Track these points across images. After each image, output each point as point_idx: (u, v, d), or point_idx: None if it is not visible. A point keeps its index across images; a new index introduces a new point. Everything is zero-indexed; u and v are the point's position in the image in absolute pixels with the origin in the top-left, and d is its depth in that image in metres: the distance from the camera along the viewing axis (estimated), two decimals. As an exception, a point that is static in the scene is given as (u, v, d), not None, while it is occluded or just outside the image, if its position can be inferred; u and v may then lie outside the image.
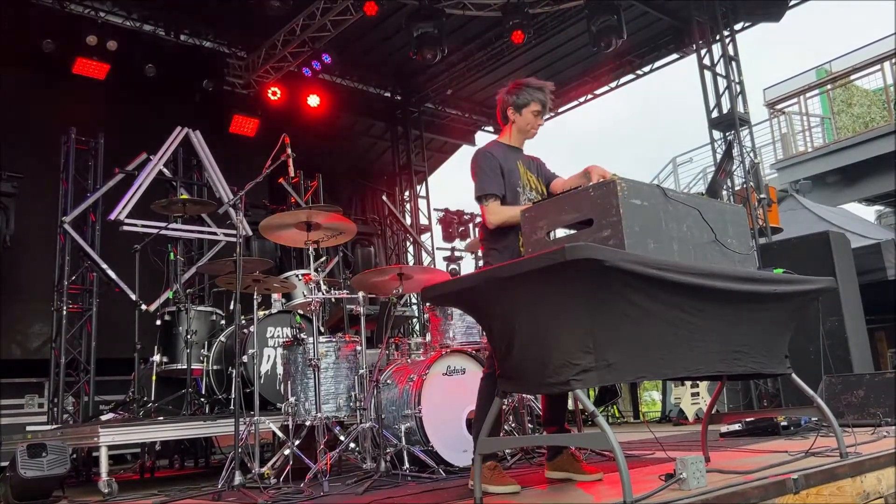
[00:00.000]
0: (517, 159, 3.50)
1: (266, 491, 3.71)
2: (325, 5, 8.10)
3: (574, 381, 2.36)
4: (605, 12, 8.42)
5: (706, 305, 2.70)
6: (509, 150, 3.52)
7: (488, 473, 3.05)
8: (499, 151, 3.46)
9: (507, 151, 3.51)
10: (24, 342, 7.92)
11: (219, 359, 5.54)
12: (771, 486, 2.52)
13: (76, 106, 8.04)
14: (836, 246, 6.89)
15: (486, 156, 3.41)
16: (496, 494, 2.97)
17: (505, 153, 3.48)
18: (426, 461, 4.03)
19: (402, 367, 4.54)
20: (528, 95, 3.44)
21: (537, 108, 3.46)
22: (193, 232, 7.46)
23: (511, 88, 3.50)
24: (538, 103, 3.45)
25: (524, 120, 3.48)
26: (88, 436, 4.56)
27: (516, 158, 3.50)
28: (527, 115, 3.47)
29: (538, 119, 3.50)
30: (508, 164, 3.42)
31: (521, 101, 3.45)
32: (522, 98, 3.44)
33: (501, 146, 3.53)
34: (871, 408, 4.91)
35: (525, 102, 3.45)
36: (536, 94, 3.44)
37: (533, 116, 3.47)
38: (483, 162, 3.40)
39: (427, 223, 12.02)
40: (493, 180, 3.35)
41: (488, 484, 3.01)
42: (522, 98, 3.44)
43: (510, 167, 3.42)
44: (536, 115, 3.48)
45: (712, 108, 8.85)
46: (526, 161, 3.56)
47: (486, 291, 2.65)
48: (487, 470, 3.06)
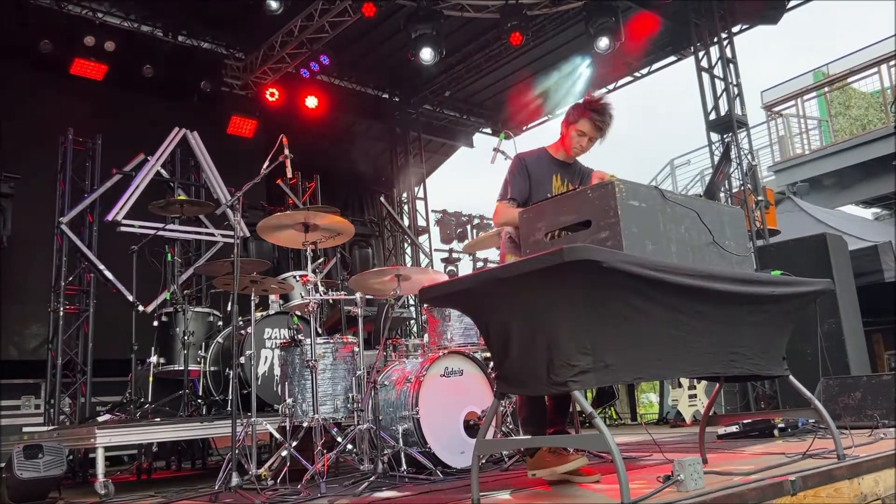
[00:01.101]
0: (555, 172, 3.47)
1: (263, 492, 3.70)
2: (323, 6, 8.10)
3: (572, 383, 2.36)
4: (603, 14, 8.43)
5: (704, 307, 2.70)
6: (549, 161, 3.49)
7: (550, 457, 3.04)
8: (535, 160, 3.45)
9: (546, 162, 3.48)
10: (20, 343, 7.90)
11: (216, 360, 5.54)
12: (768, 487, 2.52)
13: (74, 106, 8.03)
14: (834, 248, 6.90)
15: (518, 162, 3.44)
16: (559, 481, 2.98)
17: (542, 163, 3.46)
18: (424, 463, 4.02)
19: (399, 369, 4.53)
20: (578, 113, 3.36)
21: (583, 128, 3.38)
22: (191, 233, 7.46)
23: (582, 101, 3.41)
24: (586, 124, 3.36)
25: (569, 136, 3.43)
26: (85, 437, 4.55)
27: (554, 171, 3.47)
28: (572, 131, 3.41)
29: (582, 140, 3.41)
30: (540, 175, 3.41)
31: (572, 117, 3.38)
32: (574, 114, 3.38)
33: (543, 156, 3.51)
34: (868, 410, 4.92)
35: (574, 120, 3.38)
36: (591, 115, 3.35)
37: (577, 135, 3.40)
38: (514, 167, 3.43)
39: (425, 224, 12.02)
40: (516, 185, 3.36)
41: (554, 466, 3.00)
42: (574, 114, 3.38)
43: (541, 178, 3.41)
44: (581, 136, 3.40)
45: (710, 111, 8.86)
46: (572, 174, 3.51)
47: (483, 293, 2.65)
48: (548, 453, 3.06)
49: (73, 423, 6.66)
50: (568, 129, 3.43)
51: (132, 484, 5.52)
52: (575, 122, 3.38)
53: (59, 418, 6.71)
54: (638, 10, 9.16)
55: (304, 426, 4.26)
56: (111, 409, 5.73)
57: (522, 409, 3.49)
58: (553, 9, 8.63)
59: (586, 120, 3.36)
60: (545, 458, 3.09)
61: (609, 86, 11.40)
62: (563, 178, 3.48)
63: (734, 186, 8.56)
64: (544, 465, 3.08)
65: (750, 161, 8.64)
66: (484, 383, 4.46)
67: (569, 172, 3.53)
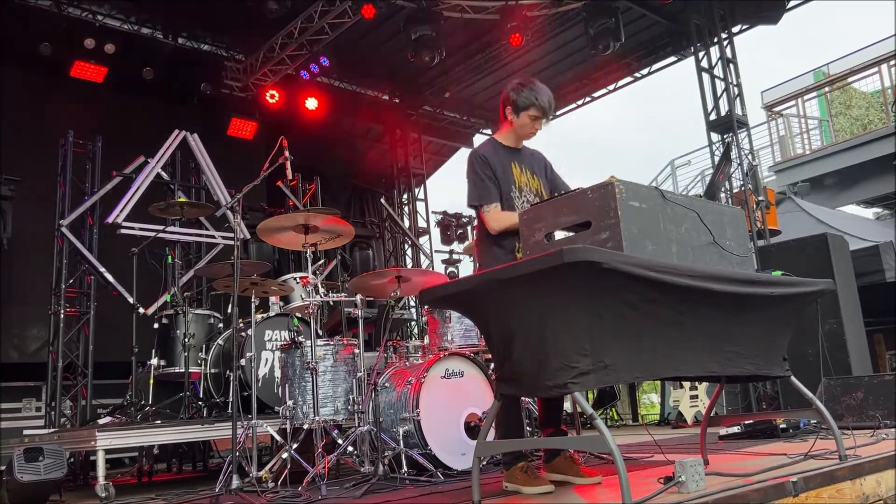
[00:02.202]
0: (512, 160, 3.44)
1: (264, 495, 3.69)
2: (323, 8, 8.10)
3: (572, 384, 2.35)
4: (602, 15, 8.43)
5: (704, 307, 2.70)
6: (504, 151, 3.46)
7: (521, 475, 3.06)
8: (493, 153, 3.41)
9: (502, 152, 3.45)
10: (21, 346, 7.90)
11: (217, 362, 5.53)
12: (770, 488, 2.51)
13: (74, 109, 8.03)
14: (835, 248, 6.89)
15: (480, 161, 3.36)
16: (530, 496, 2.97)
17: (499, 154, 3.42)
18: (424, 464, 4.02)
19: (400, 370, 4.53)
20: (528, 99, 3.34)
21: (536, 113, 3.37)
22: (191, 235, 7.45)
23: (515, 86, 3.39)
24: (537, 109, 3.35)
25: (520, 122, 3.40)
26: (85, 439, 4.55)
27: (511, 160, 3.44)
28: (524, 118, 3.38)
29: (536, 124, 3.41)
30: (502, 169, 3.38)
31: (521, 103, 3.35)
32: (522, 100, 3.35)
33: (496, 146, 3.47)
34: (870, 410, 4.90)
35: (525, 105, 3.35)
36: (538, 98, 3.34)
37: (530, 121, 3.39)
38: (477, 167, 3.35)
39: (425, 226, 12.01)
40: (489, 187, 3.32)
41: (521, 485, 3.02)
42: (522, 100, 3.35)
43: (503, 170, 3.38)
44: (534, 121, 3.39)
45: (710, 111, 8.86)
46: (524, 160, 3.50)
47: (484, 294, 2.64)
48: (520, 471, 3.07)
49: (74, 425, 6.65)
50: (518, 116, 3.38)
51: (133, 486, 5.52)
52: (525, 108, 3.35)
53: (60, 421, 6.71)
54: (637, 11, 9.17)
55: (304, 428, 4.26)
56: (112, 412, 5.72)
57: (541, 414, 3.48)
58: (552, 9, 8.63)
59: (535, 106, 3.34)
60: (516, 475, 3.09)
61: (609, 86, 11.41)
62: (519, 165, 3.46)
63: (735, 187, 8.56)
64: (515, 481, 3.08)
65: (750, 161, 8.63)
66: (485, 385, 4.45)
67: (522, 159, 3.50)
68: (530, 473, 3.08)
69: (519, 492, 3.02)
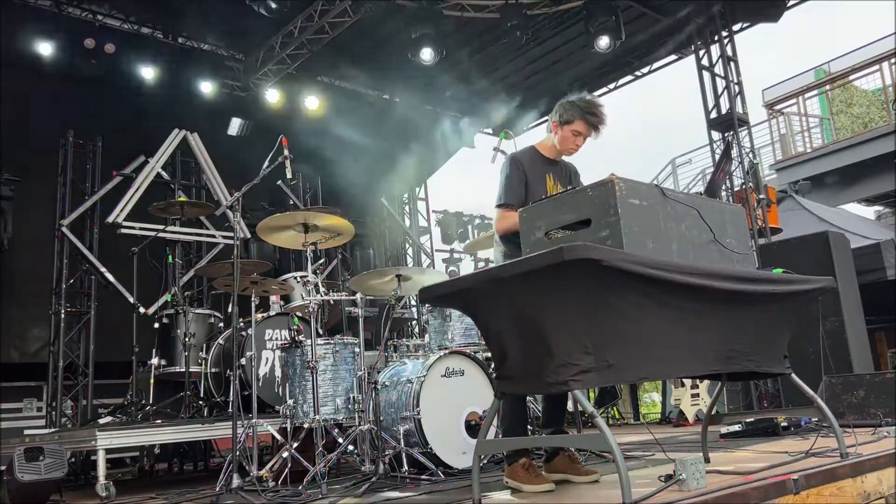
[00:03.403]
0: (547, 172, 3.45)
1: (264, 494, 3.69)
2: (322, 7, 8.09)
3: (573, 382, 2.35)
4: (602, 14, 8.40)
5: (705, 305, 2.69)
6: (541, 161, 3.47)
7: (522, 472, 3.06)
8: (529, 161, 3.42)
9: (539, 162, 3.46)
10: (22, 346, 7.90)
11: (217, 361, 5.54)
12: (771, 486, 2.51)
13: (74, 109, 8.03)
14: (836, 246, 6.88)
15: (514, 164, 3.39)
16: (529, 494, 2.97)
17: (535, 163, 3.43)
18: (425, 463, 4.02)
19: (400, 369, 4.52)
20: (573, 113, 3.33)
21: (578, 128, 3.35)
22: (192, 234, 7.46)
23: (568, 100, 3.39)
24: (582, 124, 3.34)
25: (563, 136, 3.40)
26: (86, 439, 4.55)
27: (546, 171, 3.45)
28: (567, 132, 3.37)
29: (578, 139, 3.39)
30: (534, 176, 3.39)
31: (566, 117, 3.35)
32: (568, 114, 3.34)
33: (535, 155, 3.48)
34: (871, 408, 4.90)
35: (569, 120, 3.35)
36: (584, 115, 3.32)
37: (573, 136, 3.38)
38: (510, 170, 3.38)
39: (426, 225, 12.00)
40: (513, 190, 3.34)
41: (521, 482, 3.02)
42: (568, 114, 3.34)
43: (536, 179, 3.39)
44: (577, 136, 3.38)
45: (711, 109, 8.84)
46: (558, 172, 3.50)
47: (483, 292, 2.63)
48: (521, 468, 3.06)
49: (75, 425, 6.66)
50: (562, 129, 3.39)
51: (134, 486, 5.52)
52: (569, 122, 3.35)
53: (61, 421, 6.72)
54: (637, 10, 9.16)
55: (305, 427, 4.26)
56: (113, 412, 5.72)
57: (544, 412, 3.48)
58: (553, 8, 8.61)
59: (582, 121, 3.33)
60: (517, 472, 3.08)
61: (609, 85, 11.40)
62: (554, 177, 3.47)
63: (736, 185, 8.54)
64: (516, 478, 3.08)
65: (751, 159, 8.62)
66: (485, 383, 4.44)
67: (558, 171, 3.51)
68: (531, 471, 3.08)
69: (519, 489, 3.03)
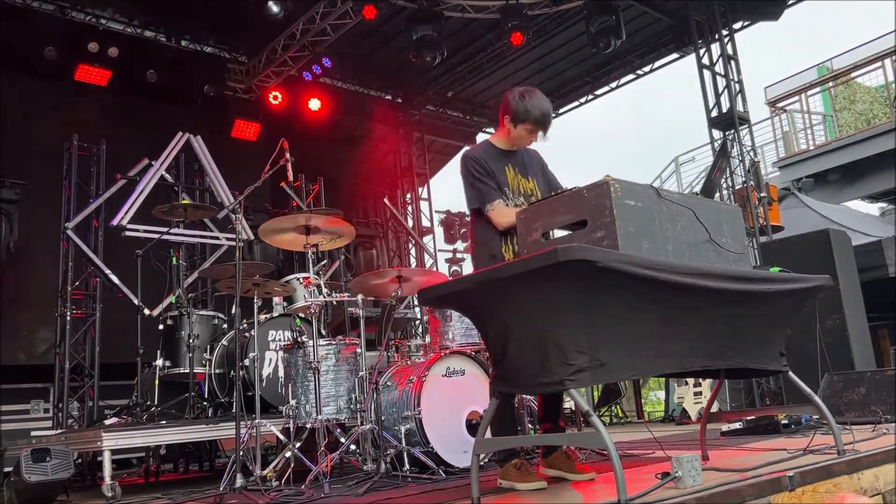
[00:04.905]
0: (507, 164, 3.47)
1: (267, 493, 3.73)
2: (324, 9, 8.13)
3: (568, 381, 2.38)
4: (603, 13, 8.42)
5: (700, 304, 2.71)
6: (498, 154, 3.48)
7: (514, 472, 3.10)
8: (489, 157, 3.43)
9: (497, 155, 3.47)
10: (28, 348, 7.97)
11: (221, 362, 5.57)
12: (766, 483, 2.53)
13: (78, 112, 8.09)
14: (837, 244, 6.89)
15: (473, 162, 3.39)
16: (525, 492, 3.00)
17: (492, 156, 3.45)
18: (426, 462, 4.05)
19: (401, 369, 4.56)
20: (526, 112, 3.35)
21: (530, 127, 3.39)
22: (195, 236, 7.50)
23: (515, 95, 3.39)
24: (533, 124, 3.37)
25: (516, 133, 3.43)
26: (92, 440, 4.60)
27: (505, 163, 3.47)
28: (520, 129, 3.40)
29: (531, 136, 3.43)
30: (496, 171, 3.41)
31: (519, 115, 3.37)
32: (521, 112, 3.36)
33: (491, 149, 3.50)
34: (871, 405, 4.91)
35: (521, 119, 3.37)
36: (535, 113, 3.35)
37: (526, 133, 3.41)
38: (472, 168, 3.38)
39: (429, 225, 12.04)
40: (487, 186, 3.36)
41: (514, 481, 3.06)
42: (521, 112, 3.36)
43: (497, 174, 3.41)
44: (530, 133, 3.42)
45: (712, 108, 8.86)
46: (518, 162, 3.52)
47: (481, 293, 2.66)
48: (513, 468, 3.11)
49: (81, 426, 6.71)
50: (515, 127, 3.41)
51: (140, 486, 5.56)
52: (522, 121, 3.37)
53: (68, 422, 6.77)
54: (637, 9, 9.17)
55: (307, 427, 4.30)
56: (118, 412, 5.77)
57: (540, 409, 3.51)
58: (553, 8, 8.64)
59: (531, 120, 3.36)
60: (510, 472, 3.13)
61: (611, 84, 11.42)
62: (513, 167, 3.48)
63: (737, 183, 8.55)
64: (509, 478, 3.12)
65: (752, 157, 8.63)
66: (486, 383, 4.43)
67: (516, 160, 3.52)
68: (523, 470, 3.12)
69: (513, 488, 3.06)
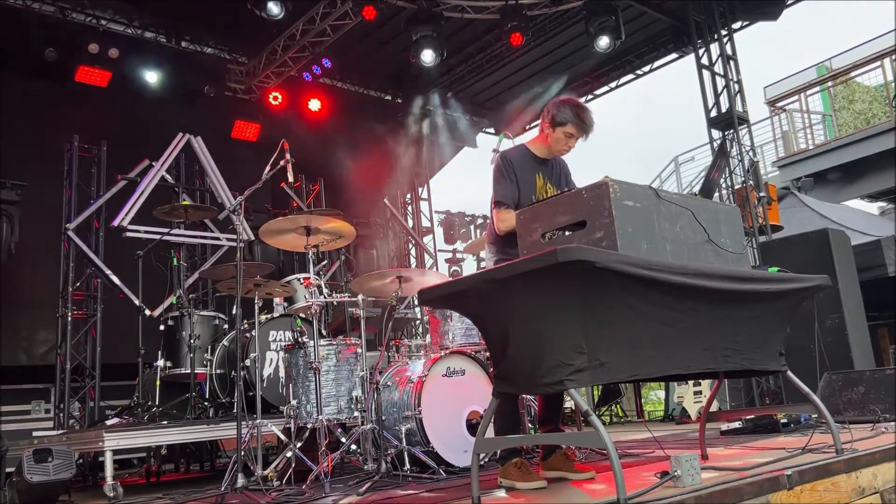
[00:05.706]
0: (537, 171, 3.51)
1: (268, 493, 3.74)
2: (324, 10, 8.14)
3: (567, 381, 2.39)
4: (603, 13, 8.43)
5: (699, 304, 2.73)
6: (531, 160, 3.53)
7: (514, 471, 3.13)
8: (519, 159, 3.49)
9: (529, 161, 3.52)
10: (30, 349, 7.99)
11: (222, 363, 5.59)
12: (764, 482, 2.55)
13: (79, 113, 8.09)
14: (836, 243, 6.91)
15: (505, 163, 3.46)
16: (526, 491, 3.03)
17: (525, 162, 3.50)
18: (427, 462, 4.07)
19: (402, 369, 4.58)
20: (566, 116, 3.40)
21: (571, 130, 3.43)
22: (196, 237, 7.52)
23: (558, 101, 3.46)
24: (574, 126, 3.41)
25: (555, 137, 3.46)
26: (93, 440, 4.61)
27: (536, 170, 3.51)
28: (559, 133, 3.44)
29: (570, 141, 3.47)
30: (525, 175, 3.45)
31: (560, 118, 3.41)
32: (561, 116, 3.41)
33: (525, 154, 3.55)
34: (870, 404, 4.93)
35: (562, 122, 3.42)
36: (576, 118, 3.40)
37: (565, 137, 3.45)
38: (503, 168, 3.45)
39: (429, 225, 12.05)
40: (509, 188, 3.41)
41: (515, 481, 3.09)
42: (561, 116, 3.41)
43: (526, 178, 3.45)
44: (568, 138, 3.45)
45: (711, 108, 8.87)
46: (549, 171, 3.56)
47: (480, 294, 2.68)
48: (514, 467, 3.14)
49: (83, 426, 6.73)
50: (554, 131, 3.45)
51: (141, 486, 5.58)
52: (563, 124, 3.42)
53: (69, 422, 6.79)
54: (637, 9, 9.18)
55: (308, 427, 4.31)
56: (119, 413, 5.79)
57: (541, 410, 3.53)
58: (553, 8, 8.65)
59: (572, 123, 3.40)
60: (510, 472, 3.16)
61: (611, 84, 11.43)
62: (544, 176, 3.53)
63: (736, 183, 8.56)
64: (509, 477, 3.15)
65: (752, 157, 8.64)
66: (486, 383, 4.48)
67: (548, 170, 3.57)
68: (524, 469, 3.14)
69: (514, 487, 3.09)
